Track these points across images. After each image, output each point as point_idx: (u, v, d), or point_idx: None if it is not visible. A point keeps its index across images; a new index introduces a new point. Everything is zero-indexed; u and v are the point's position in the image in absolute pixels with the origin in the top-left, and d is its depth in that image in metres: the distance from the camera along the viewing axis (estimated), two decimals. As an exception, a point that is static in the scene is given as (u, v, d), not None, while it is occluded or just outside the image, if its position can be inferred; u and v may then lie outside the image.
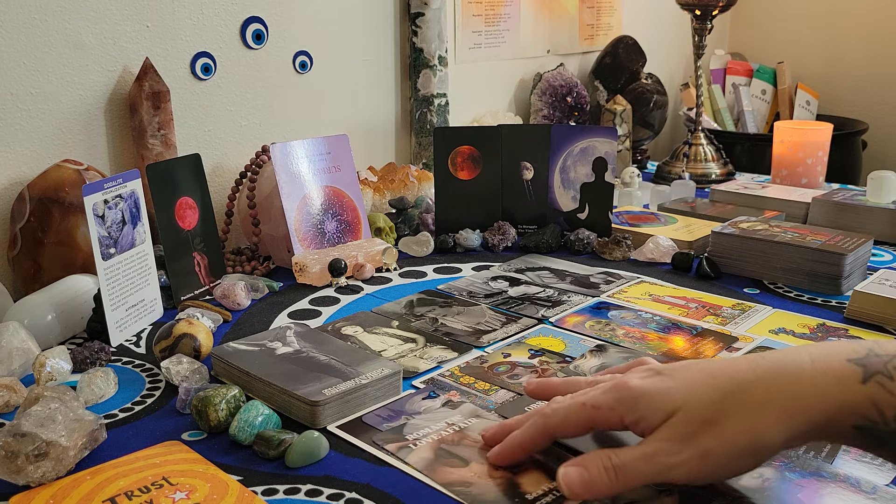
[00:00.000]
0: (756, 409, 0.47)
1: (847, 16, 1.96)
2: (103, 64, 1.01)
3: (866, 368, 0.46)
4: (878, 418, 0.45)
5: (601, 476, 0.50)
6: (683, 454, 0.47)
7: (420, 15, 1.32)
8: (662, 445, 0.48)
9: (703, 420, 0.47)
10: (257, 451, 0.61)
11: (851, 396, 0.45)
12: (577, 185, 1.15)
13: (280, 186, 1.01)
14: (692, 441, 0.47)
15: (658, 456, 0.48)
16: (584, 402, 0.53)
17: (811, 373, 0.47)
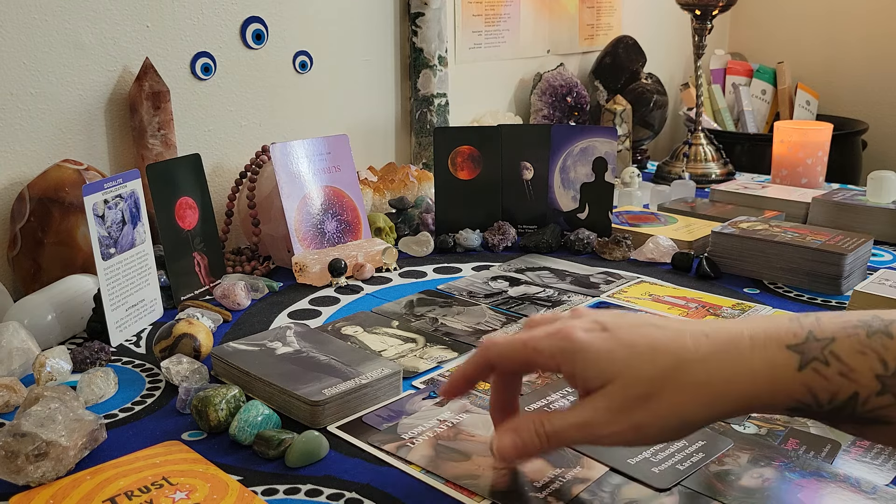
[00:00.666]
0: (692, 389, 0.47)
1: (847, 16, 1.96)
2: (103, 64, 1.01)
3: (804, 355, 0.46)
4: (812, 402, 0.46)
5: (533, 441, 0.51)
6: (616, 426, 0.48)
7: (420, 15, 1.32)
8: (596, 415, 0.49)
9: (639, 395, 0.48)
10: (257, 451, 0.61)
11: (786, 383, 0.46)
12: (577, 185, 1.15)
13: (280, 186, 1.01)
14: (626, 413, 0.48)
15: (591, 426, 0.49)
16: (525, 342, 0.52)
17: (749, 359, 0.47)
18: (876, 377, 0.44)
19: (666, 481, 0.56)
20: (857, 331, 0.46)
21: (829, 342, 0.46)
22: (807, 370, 0.46)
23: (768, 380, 0.46)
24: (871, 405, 0.45)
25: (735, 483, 0.57)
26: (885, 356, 0.45)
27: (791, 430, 0.64)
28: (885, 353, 0.45)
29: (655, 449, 0.60)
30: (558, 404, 0.67)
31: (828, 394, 0.45)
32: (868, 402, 0.45)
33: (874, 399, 0.44)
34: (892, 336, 0.45)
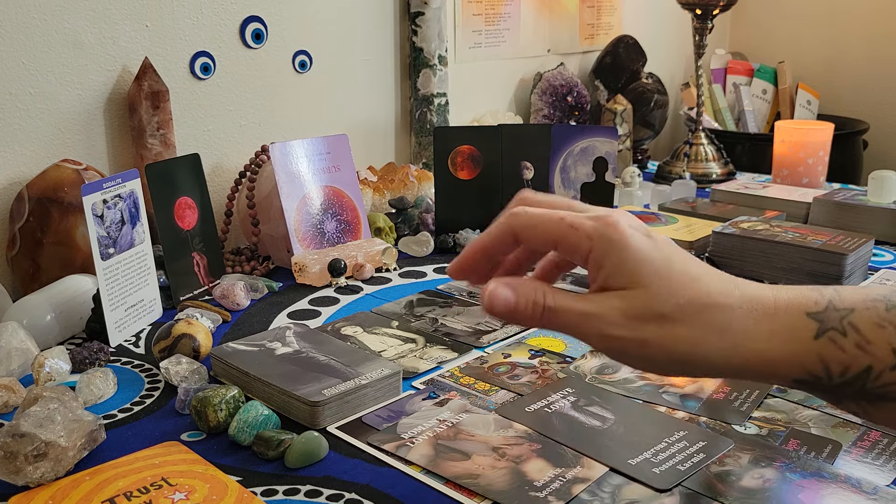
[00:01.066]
0: (711, 331, 0.45)
1: (848, 15, 1.96)
2: (102, 63, 1.00)
3: (822, 324, 0.45)
4: (823, 374, 0.45)
5: (527, 309, 0.47)
6: (622, 331, 0.45)
7: (420, 14, 1.32)
8: (607, 312, 0.45)
9: (660, 313, 0.45)
10: (257, 452, 0.61)
11: (801, 352, 0.45)
12: (577, 185, 1.15)
13: (279, 186, 1.01)
14: (639, 324, 0.45)
15: (597, 318, 0.45)
16: (563, 217, 0.47)
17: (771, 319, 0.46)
18: (893, 351, 0.44)
19: (666, 482, 0.56)
20: (877, 304, 0.45)
21: (848, 313, 0.45)
22: (823, 339, 0.45)
23: (785, 344, 0.45)
24: (882, 380, 0.44)
25: (736, 484, 0.56)
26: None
27: (792, 431, 0.64)
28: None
29: (656, 449, 0.60)
30: (559, 405, 0.67)
31: (840, 366, 0.44)
32: (881, 377, 0.44)
33: (887, 374, 0.44)
34: None
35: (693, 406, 0.67)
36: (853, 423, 0.65)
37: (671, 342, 0.45)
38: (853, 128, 1.77)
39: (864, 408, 0.46)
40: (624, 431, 0.63)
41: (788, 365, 0.45)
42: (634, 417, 0.65)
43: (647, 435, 0.62)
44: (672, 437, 0.62)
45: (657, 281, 0.45)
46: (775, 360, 0.45)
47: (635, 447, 0.61)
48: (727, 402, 0.68)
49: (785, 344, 0.45)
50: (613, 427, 0.64)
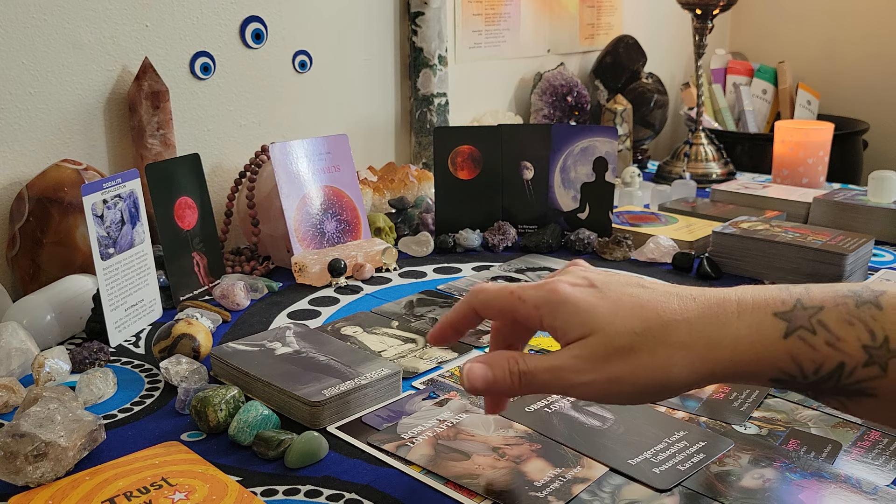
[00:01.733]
0: (674, 349, 0.46)
1: (848, 15, 1.96)
2: (102, 63, 1.00)
3: (790, 323, 0.45)
4: (797, 372, 0.45)
5: (505, 378, 0.49)
6: (591, 375, 0.47)
7: (420, 14, 1.32)
8: (572, 362, 0.47)
9: (619, 347, 0.47)
10: (257, 452, 0.61)
11: (770, 352, 0.45)
12: (577, 185, 1.15)
13: (279, 186, 1.01)
14: (603, 365, 0.47)
15: (565, 371, 0.48)
16: (511, 291, 0.52)
17: (735, 323, 0.46)
18: (863, 347, 0.44)
19: (667, 482, 0.56)
20: (846, 300, 0.45)
21: (817, 311, 0.45)
22: (793, 338, 0.45)
23: (753, 346, 0.45)
24: (856, 376, 0.44)
25: (736, 484, 0.56)
26: (873, 326, 0.44)
27: (792, 431, 0.64)
28: (873, 323, 0.44)
29: (656, 449, 0.60)
30: (559, 405, 0.67)
31: (813, 364, 0.45)
32: (854, 374, 0.44)
33: (860, 370, 0.44)
34: (882, 307, 0.44)
35: (693, 406, 0.67)
36: (853, 423, 0.65)
37: (640, 371, 0.46)
38: (853, 128, 1.77)
39: (844, 403, 0.46)
40: (624, 431, 0.63)
41: (760, 366, 0.45)
42: (634, 417, 0.65)
43: (647, 435, 0.62)
44: (672, 437, 0.62)
45: (608, 322, 0.48)
46: (746, 364, 0.46)
47: (635, 447, 0.61)
48: (727, 402, 0.68)
49: (754, 346, 0.45)
50: (613, 427, 0.64)
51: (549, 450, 0.61)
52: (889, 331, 0.44)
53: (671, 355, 0.46)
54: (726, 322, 0.46)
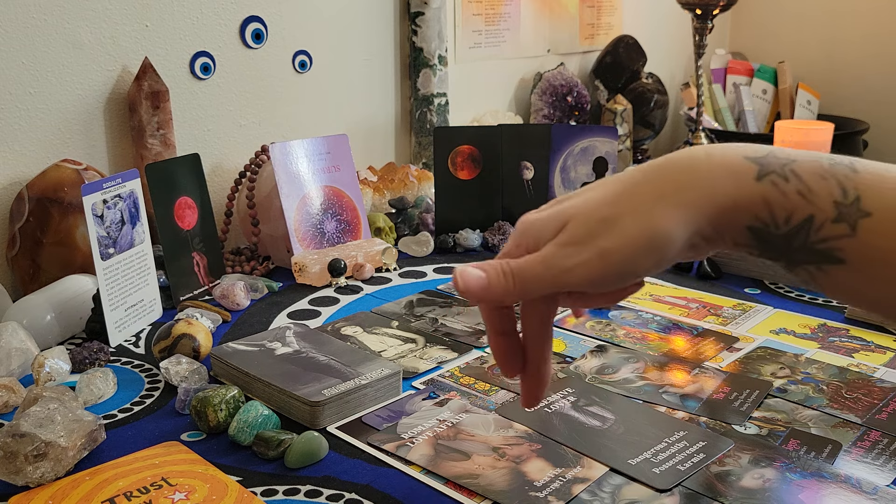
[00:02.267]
0: (651, 204, 0.45)
1: (848, 15, 1.95)
2: (102, 63, 1.00)
3: (762, 167, 0.45)
4: (769, 219, 0.44)
5: (499, 279, 0.47)
6: (581, 255, 0.45)
7: (420, 14, 1.32)
8: (558, 249, 0.46)
9: (600, 219, 0.46)
10: (257, 452, 0.61)
11: (744, 193, 0.44)
12: (577, 185, 1.15)
13: (279, 186, 1.01)
14: (589, 241, 0.45)
15: (555, 258, 0.46)
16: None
17: (706, 165, 0.45)
18: (834, 203, 0.43)
19: (667, 482, 0.56)
20: (821, 160, 0.45)
21: (791, 162, 0.45)
22: (765, 182, 0.44)
23: (727, 185, 0.44)
24: (824, 233, 0.43)
25: (736, 484, 0.56)
26: (846, 184, 0.43)
27: (792, 431, 0.64)
28: (846, 181, 0.44)
29: (656, 449, 0.60)
30: (559, 405, 0.67)
31: (784, 211, 0.44)
32: (822, 229, 0.43)
33: (829, 226, 0.43)
34: (857, 171, 0.44)
35: (693, 406, 0.67)
36: (853, 423, 0.65)
37: (627, 236, 0.45)
38: (853, 128, 1.77)
39: (814, 274, 0.45)
40: (624, 431, 0.63)
41: (737, 210, 0.44)
42: (634, 417, 0.65)
43: (647, 435, 0.62)
44: (672, 437, 0.62)
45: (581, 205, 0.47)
46: (723, 207, 0.44)
47: (635, 447, 0.61)
48: (727, 402, 0.68)
49: (727, 186, 0.44)
50: (613, 427, 0.64)
51: (549, 450, 0.61)
52: (861, 191, 0.43)
53: (650, 211, 0.45)
54: (694, 165, 0.46)
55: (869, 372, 0.74)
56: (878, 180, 0.43)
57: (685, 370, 0.74)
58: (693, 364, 0.75)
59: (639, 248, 0.45)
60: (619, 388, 0.71)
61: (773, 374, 0.73)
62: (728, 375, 0.73)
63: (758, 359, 0.77)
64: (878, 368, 0.74)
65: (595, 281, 0.46)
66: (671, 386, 0.71)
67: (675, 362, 0.76)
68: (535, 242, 0.48)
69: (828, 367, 0.74)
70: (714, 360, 0.77)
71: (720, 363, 0.76)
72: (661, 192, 0.45)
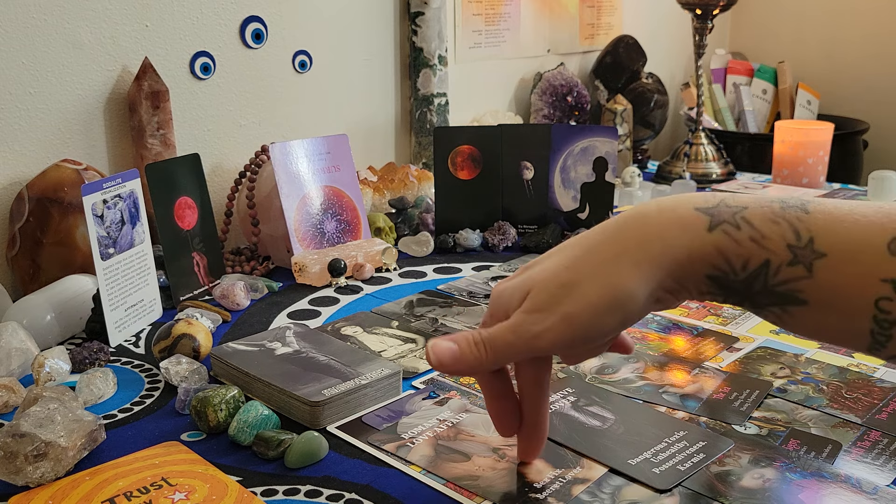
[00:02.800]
0: (610, 265, 0.46)
1: (848, 15, 1.96)
2: (102, 63, 1.00)
3: (714, 217, 0.45)
4: (727, 267, 0.45)
5: (470, 349, 0.49)
6: (547, 321, 0.47)
7: (420, 14, 1.32)
8: (525, 316, 0.48)
9: (560, 284, 0.47)
10: (257, 452, 0.61)
11: (698, 245, 0.45)
12: (577, 185, 1.15)
13: (279, 186, 1.01)
14: (553, 307, 0.47)
15: (522, 326, 0.48)
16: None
17: (657, 221, 0.46)
18: (788, 246, 0.44)
19: (666, 482, 0.56)
20: (772, 204, 0.45)
21: (742, 209, 0.45)
22: (717, 232, 0.45)
23: (680, 241, 0.45)
24: (782, 276, 0.44)
25: (736, 484, 0.56)
26: (798, 227, 0.44)
27: (792, 431, 0.64)
28: (798, 224, 0.44)
29: (656, 449, 0.60)
30: (559, 405, 0.67)
31: (740, 258, 0.44)
32: (780, 273, 0.44)
33: (786, 269, 0.44)
34: (808, 212, 0.44)
35: (693, 406, 0.67)
36: (853, 423, 0.65)
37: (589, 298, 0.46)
38: (853, 128, 1.77)
39: (780, 316, 0.45)
40: (624, 431, 0.63)
41: (692, 261, 0.45)
42: (634, 417, 0.65)
43: (647, 435, 0.62)
44: (672, 437, 0.62)
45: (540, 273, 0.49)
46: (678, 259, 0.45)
47: (635, 447, 0.61)
48: (727, 402, 0.68)
49: (680, 238, 0.45)
50: (613, 427, 0.64)
51: (549, 450, 0.61)
52: (814, 232, 0.44)
53: (609, 272, 0.46)
54: (646, 223, 0.46)
55: (869, 372, 0.74)
56: (830, 220, 0.44)
57: (685, 370, 0.74)
58: (693, 364, 0.75)
59: (601, 309, 0.46)
60: (619, 388, 0.71)
61: (773, 374, 0.73)
62: (728, 375, 0.73)
63: (758, 359, 0.77)
64: (878, 368, 0.74)
65: (564, 344, 0.48)
66: (671, 386, 0.71)
67: (675, 362, 0.76)
68: (504, 312, 0.50)
69: (828, 367, 0.74)
70: (714, 360, 0.77)
71: (720, 363, 0.76)
72: (618, 252, 0.46)
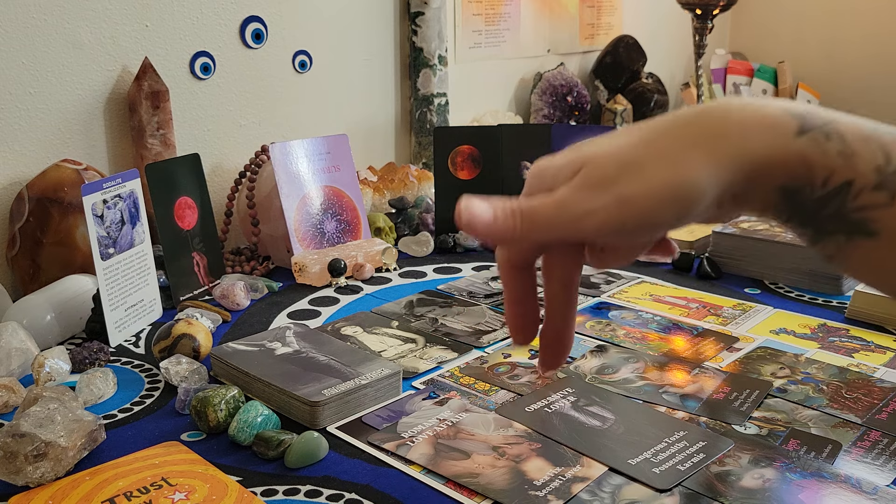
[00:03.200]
0: (682, 151, 0.41)
1: (848, 15, 1.96)
2: (102, 63, 1.00)
3: (804, 122, 0.41)
4: (806, 180, 0.40)
5: (506, 217, 0.42)
6: (598, 200, 0.40)
7: (420, 14, 1.32)
8: (574, 192, 0.41)
9: (622, 162, 0.41)
10: (257, 452, 0.61)
11: (782, 148, 0.40)
12: (577, 185, 1.14)
13: (279, 186, 1.01)
14: (608, 186, 0.41)
15: (568, 202, 0.41)
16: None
17: (740, 115, 0.41)
18: (875, 168, 0.40)
19: (667, 482, 0.56)
20: (864, 122, 0.42)
21: (832, 121, 0.41)
22: (805, 138, 0.40)
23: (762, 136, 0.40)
24: (862, 200, 0.40)
25: (736, 484, 0.56)
26: (890, 150, 0.40)
27: (792, 431, 0.64)
28: (890, 147, 0.40)
29: (656, 449, 0.60)
30: (559, 404, 0.67)
31: (823, 172, 0.40)
32: (860, 196, 0.40)
33: (867, 193, 0.40)
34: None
35: (693, 406, 0.67)
36: (853, 423, 0.65)
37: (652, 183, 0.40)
38: (853, 128, 1.77)
39: (842, 246, 0.41)
40: (624, 431, 0.63)
41: (772, 164, 0.41)
42: (634, 417, 0.65)
43: (647, 435, 0.62)
44: (672, 437, 0.62)
45: (600, 148, 0.42)
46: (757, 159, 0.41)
47: (635, 447, 0.61)
48: (727, 402, 0.68)
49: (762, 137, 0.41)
50: (613, 427, 0.64)
51: (549, 449, 0.61)
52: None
53: (679, 157, 0.41)
54: (731, 116, 0.41)
55: (869, 372, 0.74)
56: None
57: (685, 370, 0.74)
58: (693, 364, 0.75)
59: (663, 197, 0.40)
60: (619, 388, 0.71)
61: (773, 374, 0.73)
62: (728, 375, 0.73)
63: (758, 359, 0.77)
64: (878, 368, 0.74)
65: (611, 230, 0.41)
66: (671, 386, 0.71)
67: (675, 362, 0.76)
68: (546, 187, 0.43)
69: (828, 367, 0.74)
70: (714, 360, 0.77)
71: (720, 363, 0.76)
72: (693, 140, 0.41)
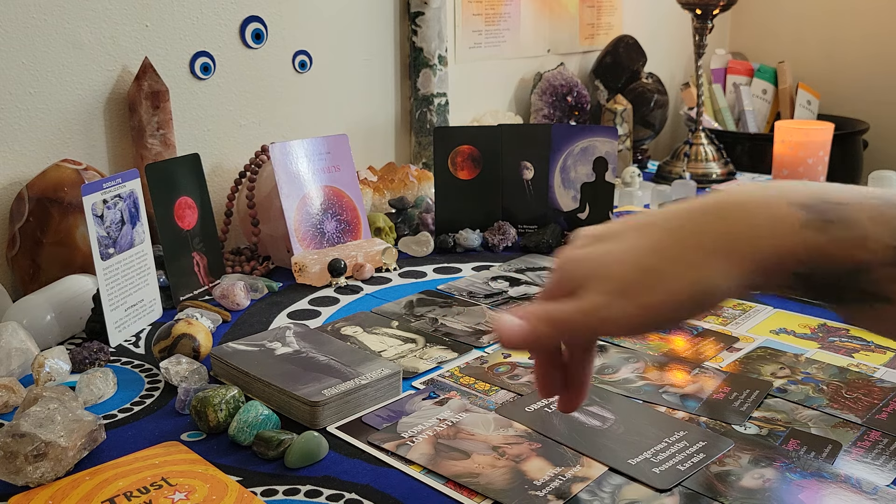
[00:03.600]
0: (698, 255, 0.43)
1: (848, 15, 1.95)
2: (102, 63, 1.00)
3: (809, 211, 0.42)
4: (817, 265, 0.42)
5: (533, 329, 0.47)
6: (623, 307, 0.44)
7: (420, 14, 1.32)
8: (600, 299, 0.45)
9: (642, 269, 0.44)
10: (257, 452, 0.61)
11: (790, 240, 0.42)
12: (577, 185, 1.15)
13: (279, 186, 1.01)
14: (632, 295, 0.44)
15: (596, 309, 0.45)
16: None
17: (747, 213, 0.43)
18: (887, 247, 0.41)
19: (666, 482, 0.56)
20: (872, 200, 0.42)
21: (843, 204, 0.42)
22: (811, 229, 0.42)
23: (772, 233, 0.42)
24: (877, 275, 0.41)
25: (736, 484, 0.56)
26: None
27: (792, 431, 0.64)
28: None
29: (656, 449, 0.60)
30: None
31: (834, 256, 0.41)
32: (875, 272, 0.41)
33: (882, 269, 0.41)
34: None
35: (693, 406, 0.67)
36: (853, 423, 0.65)
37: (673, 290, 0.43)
38: (853, 128, 1.77)
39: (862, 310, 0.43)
40: (624, 431, 0.63)
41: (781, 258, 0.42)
42: (634, 417, 0.65)
43: (647, 435, 0.62)
44: (672, 437, 0.62)
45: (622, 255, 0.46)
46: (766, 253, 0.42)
47: (635, 447, 0.61)
48: (727, 402, 0.68)
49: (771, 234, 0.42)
50: (613, 427, 0.64)
51: (549, 449, 0.61)
52: None
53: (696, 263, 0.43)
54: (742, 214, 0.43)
55: (869, 372, 0.74)
56: None
57: (685, 370, 0.74)
58: (693, 364, 0.75)
59: (684, 301, 0.44)
60: (619, 387, 0.71)
61: (773, 374, 0.73)
62: (728, 375, 0.73)
63: (758, 359, 0.77)
64: (878, 368, 0.74)
65: (635, 331, 0.45)
66: (671, 386, 0.71)
67: (675, 362, 0.76)
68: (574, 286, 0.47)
69: (828, 367, 0.74)
70: (714, 360, 0.77)
71: (720, 363, 0.76)
72: (708, 243, 0.44)
